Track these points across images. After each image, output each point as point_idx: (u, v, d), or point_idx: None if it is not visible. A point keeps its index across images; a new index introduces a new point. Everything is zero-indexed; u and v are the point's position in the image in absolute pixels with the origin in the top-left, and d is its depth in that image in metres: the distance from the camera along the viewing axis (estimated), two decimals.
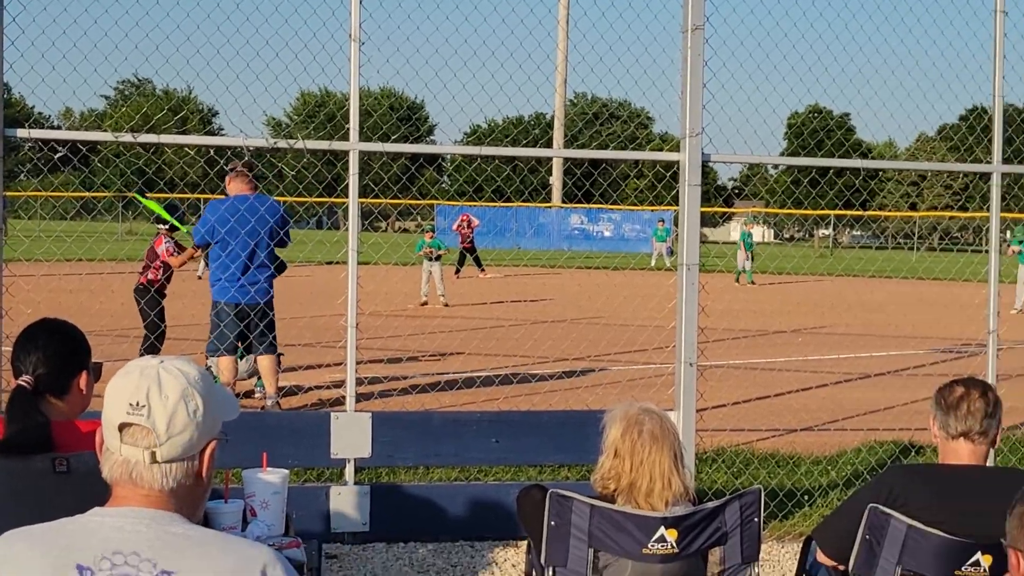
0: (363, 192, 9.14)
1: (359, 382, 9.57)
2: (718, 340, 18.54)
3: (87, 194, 78.11)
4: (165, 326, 16.20)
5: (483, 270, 45.08)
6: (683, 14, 9.37)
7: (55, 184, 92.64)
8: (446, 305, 31.82)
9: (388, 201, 73.40)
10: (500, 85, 10.68)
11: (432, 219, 70.10)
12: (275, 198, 15.08)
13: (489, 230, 66.40)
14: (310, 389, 15.60)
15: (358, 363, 9.32)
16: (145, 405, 3.13)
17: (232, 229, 13.39)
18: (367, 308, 9.76)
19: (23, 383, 4.95)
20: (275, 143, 9.22)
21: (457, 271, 43.23)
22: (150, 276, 16.21)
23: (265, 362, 14.07)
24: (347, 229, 9.19)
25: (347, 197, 9.06)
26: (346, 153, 9.07)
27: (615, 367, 19.23)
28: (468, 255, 44.54)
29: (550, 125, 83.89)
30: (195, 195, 62.49)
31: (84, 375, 5.15)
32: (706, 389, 9.97)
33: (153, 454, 3.14)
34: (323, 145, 9.44)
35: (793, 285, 44.87)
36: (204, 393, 3.23)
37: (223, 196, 14.36)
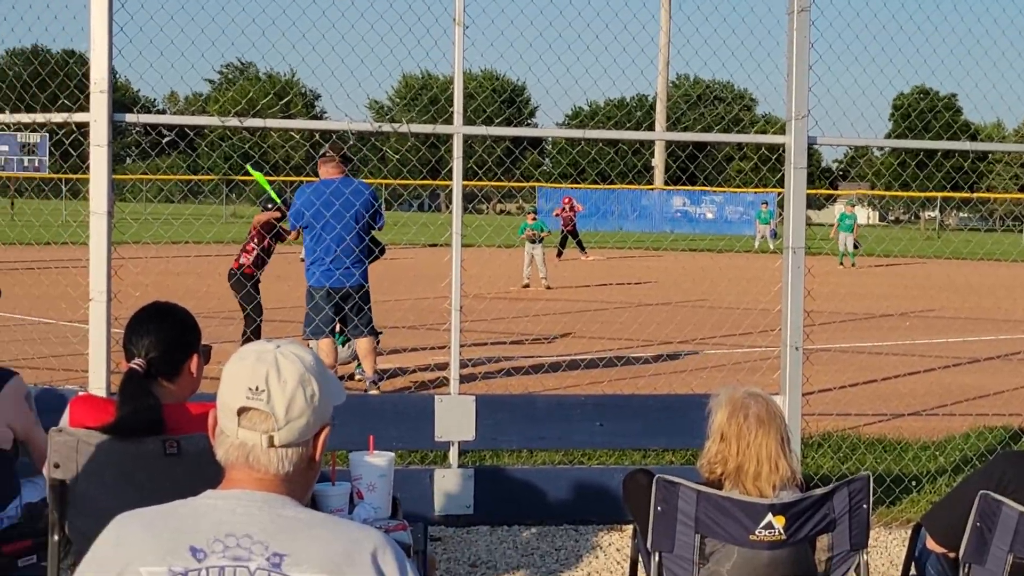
0: (466, 175, 9.16)
1: (463, 365, 9.60)
2: (824, 324, 18.41)
3: (193, 177, 79.01)
4: (256, 306, 16.34)
5: (585, 252, 44.99)
6: None
7: (162, 168, 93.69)
8: (548, 288, 31.81)
9: (490, 184, 73.46)
10: (604, 68, 10.67)
11: (534, 202, 70.03)
12: (367, 181, 15.19)
13: (591, 212, 66.31)
14: (414, 371, 15.65)
15: (462, 346, 9.35)
16: (264, 390, 3.15)
17: (317, 213, 13.50)
18: (470, 291, 9.79)
19: (135, 366, 5.00)
20: (380, 127, 9.25)
21: (559, 253, 43.14)
22: (242, 259, 16.42)
23: (362, 345, 14.14)
24: (451, 212, 9.21)
25: (450, 180, 9.09)
26: (449, 136, 9.09)
27: (720, 350, 19.13)
28: (571, 237, 44.46)
29: (653, 107, 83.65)
30: (300, 178, 62.92)
31: (195, 358, 5.20)
32: (812, 373, 9.90)
33: (271, 438, 3.16)
34: (427, 129, 9.46)
35: (899, 268, 44.44)
36: (319, 378, 3.25)
37: (314, 179, 14.48)
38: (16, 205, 62.15)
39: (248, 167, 19.77)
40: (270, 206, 16.69)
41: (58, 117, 8.81)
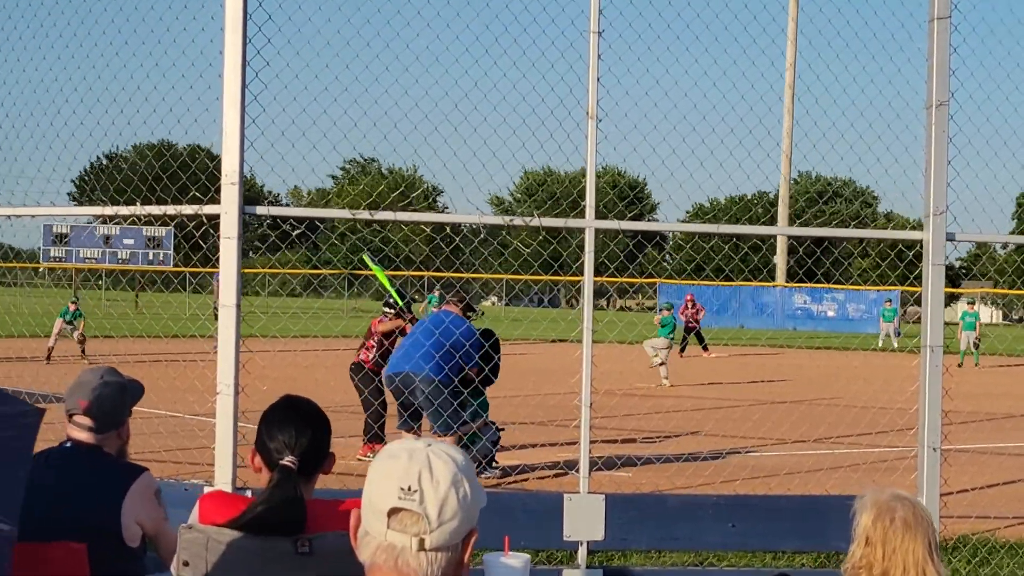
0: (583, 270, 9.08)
1: (593, 463, 9.44)
2: (962, 423, 18.01)
3: (321, 271, 79.83)
4: (381, 402, 16.48)
5: (707, 349, 44.73)
6: (927, 89, 9.18)
7: (292, 260, 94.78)
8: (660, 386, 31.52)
9: (608, 279, 73.58)
10: (720, 162, 10.57)
11: (654, 297, 69.97)
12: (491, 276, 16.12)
13: (711, 308, 66.08)
14: (543, 468, 15.50)
15: (592, 442, 9.22)
16: (417, 490, 3.03)
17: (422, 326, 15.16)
18: (599, 387, 9.62)
19: (289, 464, 4.87)
20: (511, 220, 9.18)
21: (681, 351, 42.90)
22: (362, 355, 16.68)
23: None
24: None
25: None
26: (577, 231, 9.04)
27: (854, 450, 18.72)
28: (693, 336, 44.25)
29: (772, 203, 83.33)
30: (422, 273, 63.20)
31: (332, 459, 5.09)
32: (948, 474, 9.65)
33: (422, 541, 3.03)
34: (559, 223, 9.39)
35: None
36: (470, 479, 3.13)
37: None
38: (141, 298, 62.96)
39: (365, 258, 19.64)
40: (389, 308, 16.94)
41: (188, 209, 8.84)
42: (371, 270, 18.69)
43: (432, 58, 10.18)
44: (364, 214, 9.00)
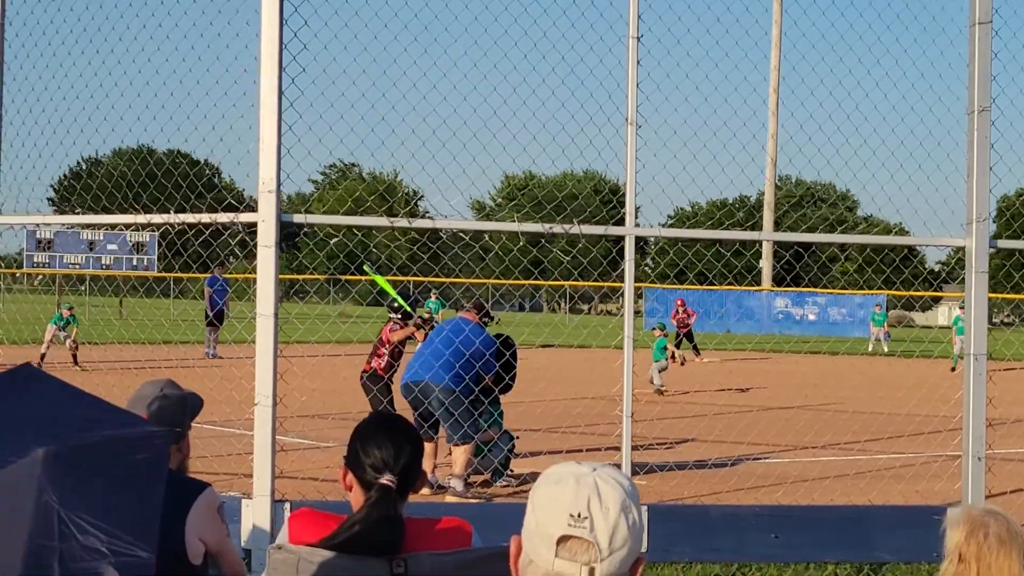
0: (566, 275, 9.01)
1: (633, 471, 9.31)
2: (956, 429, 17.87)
3: (308, 276, 79.54)
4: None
5: (699, 353, 44.54)
6: (968, 95, 9.09)
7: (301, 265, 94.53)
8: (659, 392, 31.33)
9: (594, 284, 73.38)
10: (703, 166, 10.51)
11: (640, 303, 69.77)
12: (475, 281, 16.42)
13: (697, 312, 66.03)
14: None
15: (609, 449, 9.14)
16: (587, 517, 2.91)
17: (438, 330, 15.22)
18: (600, 393, 9.50)
19: (388, 483, 4.73)
20: (551, 229, 9.08)
21: (673, 356, 42.63)
22: (374, 363, 16.54)
23: (456, 453, 14.75)
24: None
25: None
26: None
27: (882, 456, 18.36)
28: (686, 339, 44.05)
29: (755, 207, 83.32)
30: (407, 278, 62.75)
31: (424, 479, 4.96)
32: (992, 482, 9.54)
33: (592, 570, 2.90)
34: (599, 230, 9.33)
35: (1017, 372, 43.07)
36: (637, 505, 3.00)
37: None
38: (124, 304, 62.58)
39: (366, 267, 19.84)
40: (395, 309, 16.85)
41: (224, 217, 8.73)
42: (371, 278, 18.70)
43: (451, 62, 10.09)
44: (402, 222, 8.89)
